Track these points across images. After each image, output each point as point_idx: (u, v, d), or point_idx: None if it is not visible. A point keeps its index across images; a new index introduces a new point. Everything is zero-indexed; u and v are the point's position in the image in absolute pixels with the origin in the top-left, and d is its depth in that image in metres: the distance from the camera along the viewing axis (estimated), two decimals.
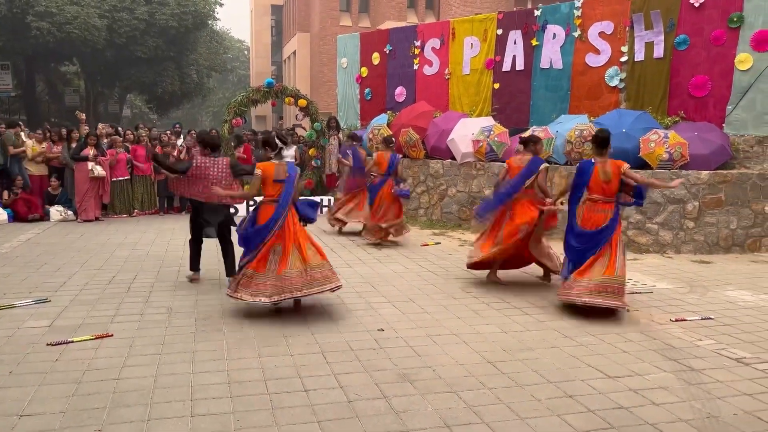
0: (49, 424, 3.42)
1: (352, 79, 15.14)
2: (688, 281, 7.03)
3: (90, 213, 11.52)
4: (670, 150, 8.59)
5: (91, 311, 5.65)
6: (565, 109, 10.95)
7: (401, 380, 4.11)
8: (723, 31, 9.11)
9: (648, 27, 9.85)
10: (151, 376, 4.11)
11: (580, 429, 3.45)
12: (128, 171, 12.31)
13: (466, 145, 10.98)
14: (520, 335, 5.08)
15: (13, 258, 8.09)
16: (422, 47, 13.31)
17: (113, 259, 8.06)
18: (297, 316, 5.55)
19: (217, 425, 3.44)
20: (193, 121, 50.38)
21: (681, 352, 4.71)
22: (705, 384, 4.10)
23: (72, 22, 22.90)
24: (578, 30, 10.73)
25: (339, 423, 3.49)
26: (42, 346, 4.67)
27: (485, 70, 12.21)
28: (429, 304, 5.99)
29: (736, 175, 8.58)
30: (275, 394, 3.86)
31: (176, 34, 27.14)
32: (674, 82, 9.69)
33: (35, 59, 26.51)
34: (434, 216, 11.64)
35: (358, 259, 8.18)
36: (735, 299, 6.27)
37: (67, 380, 4.03)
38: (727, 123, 9.19)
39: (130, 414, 3.56)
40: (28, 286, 6.55)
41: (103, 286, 6.64)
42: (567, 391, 3.96)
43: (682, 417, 3.61)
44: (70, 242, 9.35)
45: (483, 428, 3.45)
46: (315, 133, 13.77)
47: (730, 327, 5.35)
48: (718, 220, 8.53)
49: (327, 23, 32.03)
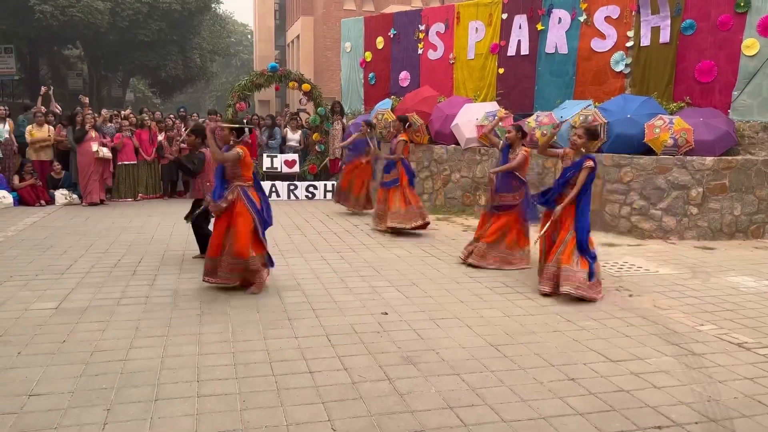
0: (58, 404, 3.47)
1: (356, 64, 15.09)
2: (691, 267, 7.05)
3: (95, 195, 11.57)
4: (675, 136, 8.57)
5: (97, 293, 5.70)
6: (570, 95, 10.90)
7: (405, 363, 4.15)
8: (730, 16, 9.04)
9: (654, 11, 9.78)
10: (158, 358, 4.16)
11: (581, 411, 3.49)
12: (135, 155, 12.35)
13: (470, 130, 10.96)
14: (522, 319, 5.12)
15: (19, 241, 8.14)
16: (427, 31, 13.24)
17: (118, 243, 8.11)
18: (301, 299, 5.59)
19: (223, 406, 3.49)
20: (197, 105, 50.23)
21: (682, 336, 4.74)
22: (706, 368, 4.13)
23: (75, 5, 22.78)
24: (584, 14, 10.66)
25: (343, 404, 3.53)
26: (50, 327, 4.72)
27: (490, 55, 12.15)
28: (432, 288, 6.03)
29: (741, 161, 8.56)
30: (280, 375, 3.91)
31: (179, 18, 26.99)
32: (680, 67, 9.63)
33: (38, 43, 26.39)
34: (438, 201, 11.65)
35: (362, 244, 8.22)
36: (737, 285, 6.29)
37: (74, 361, 4.08)
38: (732, 109, 9.15)
39: (137, 394, 3.61)
40: (35, 269, 6.61)
41: (109, 269, 6.69)
42: (569, 374, 4.00)
43: (683, 400, 3.64)
44: (76, 225, 9.40)
45: (486, 410, 3.49)
46: (319, 118, 13.75)
47: (732, 312, 5.38)
48: (722, 206, 8.52)
49: (331, 7, 31.81)
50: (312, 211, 11.20)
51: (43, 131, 11.93)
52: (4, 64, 22.71)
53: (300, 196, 13.07)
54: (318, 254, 7.57)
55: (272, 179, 13.08)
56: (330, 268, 6.83)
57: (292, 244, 8.15)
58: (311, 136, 13.83)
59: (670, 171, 8.50)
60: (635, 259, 7.38)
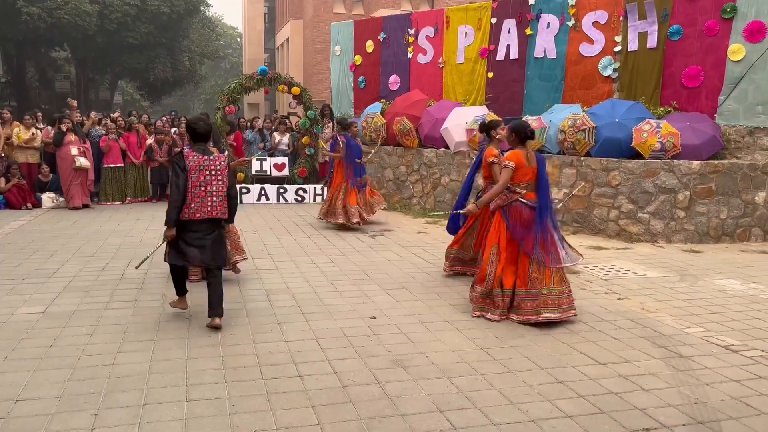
0: (45, 409, 3.44)
1: (345, 67, 15.10)
2: (678, 270, 7.10)
3: (77, 200, 11.42)
4: (662, 140, 8.64)
5: (84, 298, 5.65)
6: (559, 99, 10.97)
7: (395, 366, 4.15)
8: (716, 21, 9.14)
9: (642, 17, 9.87)
10: (146, 362, 4.13)
11: (570, 414, 3.50)
12: (121, 158, 12.26)
13: (460, 134, 10.99)
14: (512, 323, 5.13)
15: (5, 245, 8.06)
16: (416, 35, 13.28)
17: (106, 246, 8.05)
18: (291, 303, 5.58)
19: (212, 410, 3.47)
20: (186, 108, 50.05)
21: (670, 339, 4.77)
22: (693, 370, 4.16)
23: (63, 7, 22.65)
24: (572, 19, 10.73)
25: (333, 408, 3.53)
26: (37, 332, 4.68)
27: (479, 59, 12.20)
28: (422, 292, 6.03)
29: (727, 165, 8.65)
30: (270, 379, 3.89)
31: (168, 20, 26.89)
32: (667, 72, 9.72)
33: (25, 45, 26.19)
34: (427, 204, 11.67)
35: (352, 248, 8.21)
36: (724, 288, 6.35)
37: (62, 366, 4.05)
38: (718, 113, 9.24)
39: (125, 399, 3.58)
40: (21, 273, 6.54)
41: (97, 272, 6.64)
42: (558, 377, 4.01)
43: (671, 402, 3.67)
44: (63, 229, 9.32)
45: (475, 413, 3.50)
46: (308, 121, 13.74)
47: (718, 315, 5.43)
48: (708, 210, 8.60)
49: (320, 10, 31.81)
50: (302, 214, 11.18)
51: (30, 134, 11.84)
52: None
53: (289, 200, 13.05)
54: (308, 258, 7.55)
55: (262, 182, 13.06)
56: (320, 272, 6.82)
57: (281, 248, 8.13)
58: (300, 140, 13.81)
59: (657, 175, 8.56)
60: (623, 263, 7.43)
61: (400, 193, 12.26)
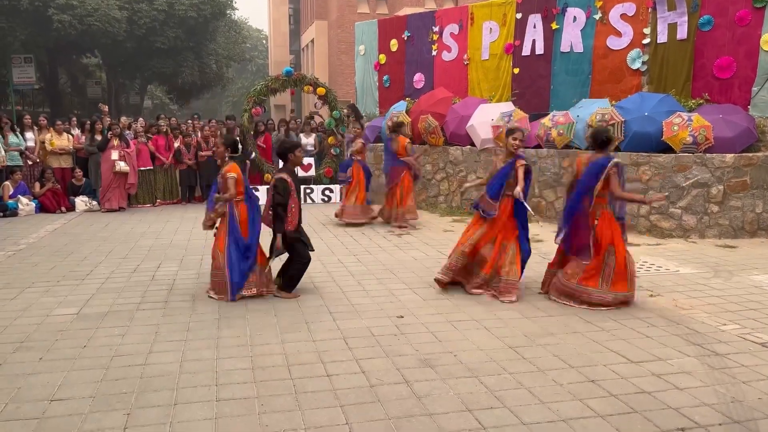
0: (79, 409, 3.51)
1: (370, 67, 15.10)
2: (712, 266, 6.95)
3: (114, 202, 11.71)
4: (694, 133, 8.46)
5: (117, 299, 5.76)
6: (586, 93, 10.81)
7: (422, 365, 4.13)
8: (748, 11, 8.91)
9: (671, 8, 9.67)
10: (177, 362, 4.18)
11: (602, 413, 3.45)
12: (151, 161, 12.47)
13: (486, 131, 10.91)
14: (541, 321, 5.08)
15: (40, 248, 8.26)
16: (441, 33, 13.22)
17: (137, 248, 8.19)
18: (319, 303, 5.60)
19: (241, 409, 3.50)
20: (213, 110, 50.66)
21: (705, 336, 4.67)
22: (729, 368, 4.06)
23: (93, 14, 23.12)
24: (599, 12, 10.57)
25: (361, 407, 3.53)
26: (71, 333, 4.78)
27: (504, 55, 12.10)
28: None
29: (762, 157, 8.42)
30: (298, 379, 3.91)
31: (195, 25, 27.26)
32: (698, 63, 9.51)
33: (57, 52, 26.81)
34: (454, 203, 11.61)
35: (378, 246, 8.21)
36: (761, 284, 6.18)
37: (95, 366, 4.12)
38: (752, 105, 9.01)
39: (157, 398, 3.64)
40: (56, 275, 6.69)
41: (128, 274, 6.76)
42: (589, 376, 3.95)
43: (706, 401, 3.58)
44: (95, 232, 9.51)
45: (505, 412, 3.46)
46: (334, 122, 13.78)
47: (755, 311, 5.29)
48: (743, 204, 8.39)
49: (345, 11, 31.93)
50: (328, 214, 11.22)
51: (63, 139, 12.13)
52: (24, 73, 23.06)
53: (316, 200, 13.11)
54: (334, 257, 7.58)
55: None
56: (346, 271, 6.84)
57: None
58: (326, 140, 13.86)
59: (689, 169, 8.38)
60: (655, 259, 7.29)
61: (426, 191, 12.22)
